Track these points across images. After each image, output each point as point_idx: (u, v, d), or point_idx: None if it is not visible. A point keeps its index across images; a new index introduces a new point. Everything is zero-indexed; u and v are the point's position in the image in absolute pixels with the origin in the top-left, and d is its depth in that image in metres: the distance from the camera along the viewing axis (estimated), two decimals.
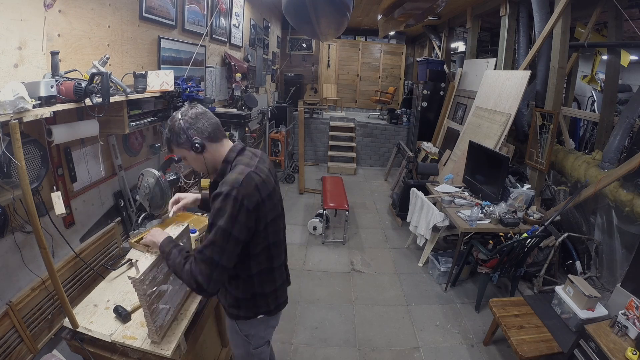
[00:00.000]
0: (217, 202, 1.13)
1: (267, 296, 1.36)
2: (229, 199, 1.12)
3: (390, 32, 5.82)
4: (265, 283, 1.34)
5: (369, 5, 5.77)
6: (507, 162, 3.14)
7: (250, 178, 1.17)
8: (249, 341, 1.44)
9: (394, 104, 8.23)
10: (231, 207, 1.11)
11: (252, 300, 1.34)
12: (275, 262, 1.34)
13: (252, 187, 1.16)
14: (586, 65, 4.82)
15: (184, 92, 2.40)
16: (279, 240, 1.35)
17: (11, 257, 1.54)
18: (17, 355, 1.54)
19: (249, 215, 1.15)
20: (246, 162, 1.24)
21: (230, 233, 1.12)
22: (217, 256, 1.12)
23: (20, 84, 1.20)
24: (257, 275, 1.30)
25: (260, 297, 1.34)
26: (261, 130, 5.63)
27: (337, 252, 3.76)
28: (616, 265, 2.83)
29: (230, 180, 1.14)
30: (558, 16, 3.24)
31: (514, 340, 2.07)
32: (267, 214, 1.23)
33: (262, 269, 1.30)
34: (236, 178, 1.15)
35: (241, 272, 1.29)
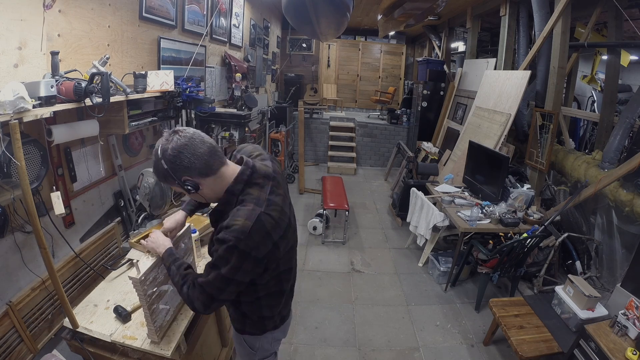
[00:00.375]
0: (221, 249, 0.99)
1: (274, 317, 1.29)
2: (234, 252, 0.98)
3: (390, 32, 5.82)
4: (274, 305, 1.26)
5: (369, 5, 5.77)
6: (507, 162, 3.14)
7: (260, 224, 1.00)
8: (255, 352, 1.37)
9: (394, 104, 8.23)
10: (236, 259, 0.99)
11: (258, 322, 1.28)
12: (284, 285, 1.24)
13: (262, 235, 1.00)
14: (586, 65, 4.82)
15: (184, 92, 2.40)
16: (290, 267, 1.24)
17: (11, 257, 1.54)
18: (17, 355, 1.54)
19: (256, 264, 1.03)
20: (256, 196, 1.05)
21: (232, 279, 1.02)
22: (216, 293, 1.05)
23: (20, 84, 1.20)
24: (264, 297, 1.20)
25: (267, 319, 1.28)
26: (261, 130, 5.63)
27: (337, 252, 3.76)
28: (616, 265, 2.83)
29: (235, 228, 0.97)
30: (558, 16, 3.24)
31: (514, 340, 2.07)
32: (280, 255, 1.11)
33: (271, 292, 1.21)
34: (243, 226, 0.97)
35: (246, 297, 1.20)
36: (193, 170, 1.01)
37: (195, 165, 1.00)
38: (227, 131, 3.21)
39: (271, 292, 1.20)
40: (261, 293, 1.18)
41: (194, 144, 1.01)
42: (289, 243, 1.17)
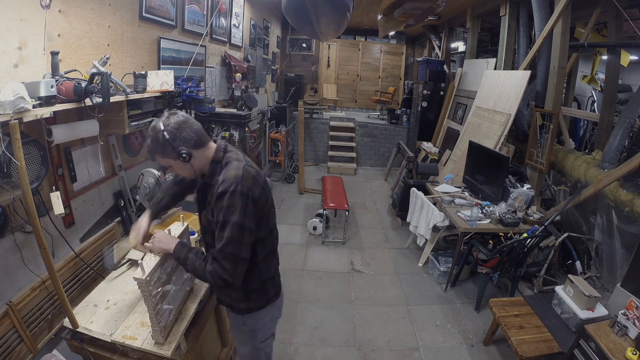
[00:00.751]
0: (225, 199, 1.16)
1: (273, 279, 1.43)
2: (236, 194, 1.16)
3: (390, 32, 5.82)
4: (271, 266, 1.41)
5: (369, 5, 5.77)
6: (507, 162, 3.14)
7: (247, 171, 1.22)
8: (256, 335, 1.46)
9: (394, 104, 8.23)
10: (240, 201, 1.16)
11: (261, 288, 1.39)
12: (275, 242, 1.43)
13: (251, 178, 1.21)
14: (586, 65, 4.82)
15: (184, 92, 2.40)
16: (275, 224, 1.42)
17: (11, 257, 1.54)
18: (17, 355, 1.54)
19: (255, 205, 1.21)
20: (235, 158, 1.27)
21: (244, 225, 1.17)
22: (237, 250, 1.17)
23: (20, 84, 1.20)
24: (262, 260, 1.34)
25: (268, 281, 1.40)
26: (261, 130, 5.63)
27: (337, 252, 3.76)
28: (616, 265, 2.83)
29: (230, 177, 1.18)
30: (558, 16, 3.24)
31: (514, 340, 2.07)
32: (267, 201, 1.29)
33: (267, 253, 1.36)
34: (236, 174, 1.19)
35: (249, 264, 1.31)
36: (189, 141, 1.20)
37: (192, 137, 1.20)
38: (227, 131, 3.21)
39: (267, 253, 1.36)
40: (260, 256, 1.33)
41: (190, 121, 1.23)
42: (270, 198, 1.34)
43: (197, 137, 1.22)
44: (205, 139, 1.26)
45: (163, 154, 1.21)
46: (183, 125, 1.19)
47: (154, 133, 1.19)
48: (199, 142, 1.23)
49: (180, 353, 1.42)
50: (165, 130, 1.17)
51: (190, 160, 1.22)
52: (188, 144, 1.20)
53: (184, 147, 1.19)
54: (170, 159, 1.22)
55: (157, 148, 1.19)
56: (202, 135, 1.25)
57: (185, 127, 1.19)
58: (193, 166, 1.24)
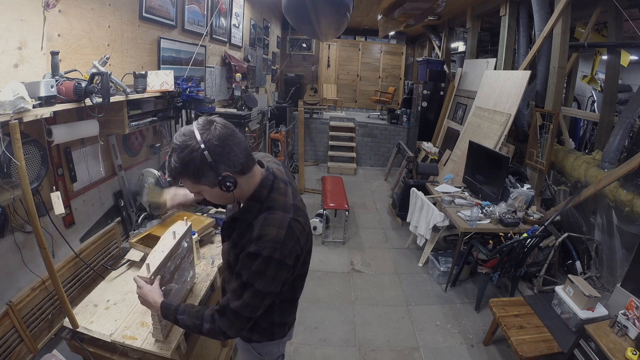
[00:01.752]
0: (256, 264, 0.93)
1: (285, 325, 1.25)
2: (271, 262, 0.93)
3: (390, 32, 5.83)
4: (286, 313, 1.22)
5: (369, 5, 5.77)
6: (507, 162, 3.14)
7: (292, 231, 0.96)
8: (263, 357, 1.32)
9: (394, 104, 8.23)
10: (273, 270, 0.94)
11: (269, 329, 1.22)
12: (298, 293, 1.20)
13: (294, 241, 0.97)
14: (586, 65, 4.82)
15: (184, 92, 2.40)
16: (305, 272, 1.18)
17: (11, 257, 1.54)
18: (17, 355, 1.54)
19: (288, 271, 0.99)
20: (282, 202, 0.99)
21: (267, 292, 0.98)
22: (252, 312, 1.00)
23: (20, 84, 1.20)
24: (278, 305, 1.15)
25: (278, 326, 1.22)
26: (261, 130, 5.63)
27: (337, 252, 3.76)
28: (616, 265, 2.83)
29: (269, 238, 0.93)
30: (558, 16, 3.24)
31: (514, 340, 2.07)
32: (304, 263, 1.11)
33: (284, 299, 1.16)
34: (277, 235, 0.93)
35: None
36: (237, 164, 0.90)
37: (240, 160, 0.90)
38: None
39: (285, 299, 1.16)
40: (276, 300, 1.10)
41: (237, 136, 0.90)
42: (310, 248, 1.15)
43: (245, 159, 0.92)
44: (252, 162, 0.97)
45: (196, 179, 0.90)
46: (230, 141, 0.88)
47: (188, 150, 0.86)
48: (247, 166, 0.94)
49: (180, 353, 1.42)
50: (207, 149, 0.86)
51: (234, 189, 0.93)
52: (235, 169, 0.90)
53: (230, 173, 0.89)
54: (205, 186, 0.92)
55: (189, 171, 0.88)
56: (250, 155, 0.95)
57: (233, 146, 0.88)
58: (235, 196, 0.97)
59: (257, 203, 0.99)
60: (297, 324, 2.66)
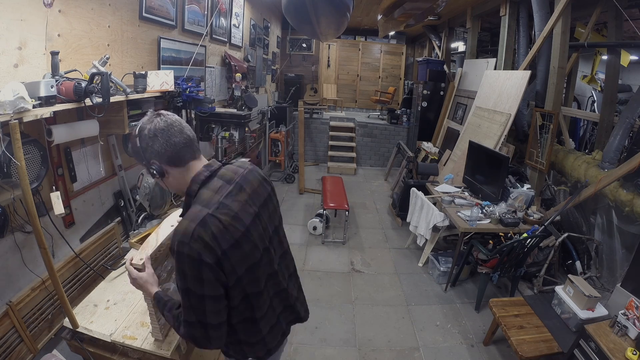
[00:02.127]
0: (175, 260, 0.94)
1: (253, 345, 1.16)
2: (183, 259, 0.91)
3: (390, 32, 5.83)
4: (249, 332, 1.13)
5: (369, 5, 5.77)
6: (507, 162, 3.14)
7: (203, 226, 0.92)
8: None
9: (394, 104, 8.23)
10: (189, 267, 0.92)
11: (238, 345, 1.16)
12: (257, 313, 1.10)
13: (207, 237, 0.92)
14: (586, 65, 4.82)
15: (184, 92, 2.40)
16: (259, 290, 1.08)
17: (11, 257, 1.54)
18: (17, 355, 1.54)
19: (213, 270, 0.93)
20: (206, 198, 0.99)
21: (202, 295, 0.94)
22: (201, 317, 0.96)
23: (20, 84, 1.20)
24: (238, 324, 1.10)
25: (245, 344, 1.15)
26: (261, 130, 5.63)
27: (337, 252, 3.76)
28: (616, 265, 2.83)
29: (180, 232, 0.92)
30: (558, 16, 3.24)
31: (514, 340, 2.07)
32: (235, 268, 0.98)
33: (244, 318, 1.09)
34: (186, 228, 0.92)
35: None
36: (162, 156, 0.99)
37: (166, 152, 0.99)
38: (227, 131, 3.21)
39: (244, 318, 1.09)
40: (234, 320, 1.07)
41: (171, 131, 0.99)
42: (248, 259, 1.02)
43: (174, 152, 0.99)
44: (186, 157, 1.01)
45: (139, 162, 1.05)
46: (160, 134, 0.98)
47: (131, 136, 1.03)
48: (176, 159, 1.00)
49: (180, 353, 1.42)
50: (139, 137, 0.99)
51: (163, 178, 1.02)
52: (160, 159, 0.99)
53: (156, 161, 0.99)
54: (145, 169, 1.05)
55: (133, 153, 1.04)
56: (183, 151, 1.00)
57: (162, 138, 0.98)
58: (168, 185, 1.05)
59: (189, 197, 1.03)
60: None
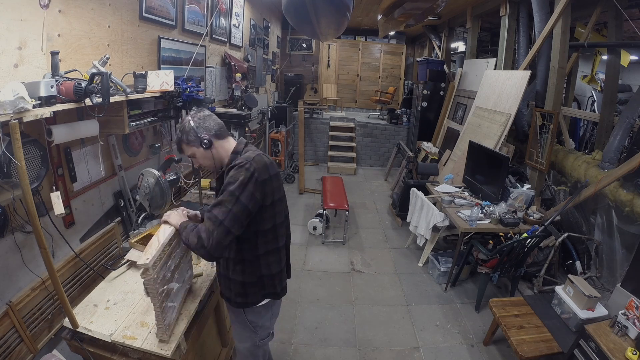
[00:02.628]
0: (231, 172, 1.25)
1: (273, 277, 1.42)
2: (242, 169, 1.23)
3: (390, 32, 5.83)
4: (272, 263, 1.41)
5: (369, 5, 5.77)
6: (507, 162, 3.14)
7: (261, 157, 1.31)
8: (257, 332, 1.49)
9: (394, 104, 8.23)
10: (243, 175, 1.22)
11: (259, 283, 1.40)
12: (280, 241, 1.43)
13: (262, 163, 1.29)
14: (586, 65, 4.82)
15: (184, 92, 2.40)
16: (282, 221, 1.44)
17: (11, 257, 1.54)
18: (17, 355, 1.54)
19: (257, 187, 1.25)
20: (254, 150, 1.38)
21: (238, 197, 1.21)
22: (221, 215, 1.19)
23: (20, 84, 1.20)
24: (263, 256, 1.37)
25: (267, 277, 1.41)
26: (261, 130, 5.63)
27: (337, 252, 3.76)
28: (616, 265, 2.83)
29: (243, 157, 1.29)
30: (558, 16, 3.24)
31: (514, 340, 2.07)
32: (274, 192, 1.34)
33: (269, 250, 1.38)
34: (249, 155, 1.29)
35: (247, 254, 1.36)
36: (211, 130, 1.35)
37: (214, 127, 1.36)
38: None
39: (269, 249, 1.38)
40: (261, 250, 1.36)
41: (213, 116, 1.40)
42: (280, 191, 1.40)
43: (219, 128, 1.37)
44: (225, 133, 1.40)
45: (188, 142, 1.34)
46: (207, 117, 1.36)
47: (182, 124, 1.36)
48: (220, 133, 1.37)
49: (180, 353, 1.43)
50: (192, 119, 1.34)
51: (211, 148, 1.34)
52: (210, 133, 1.34)
53: (206, 134, 1.33)
54: (194, 147, 1.34)
55: (184, 136, 1.34)
56: (224, 128, 1.40)
57: (209, 120, 1.36)
58: (213, 155, 1.36)
59: (236, 154, 1.37)
60: (297, 324, 2.67)
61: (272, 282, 1.43)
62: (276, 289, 1.45)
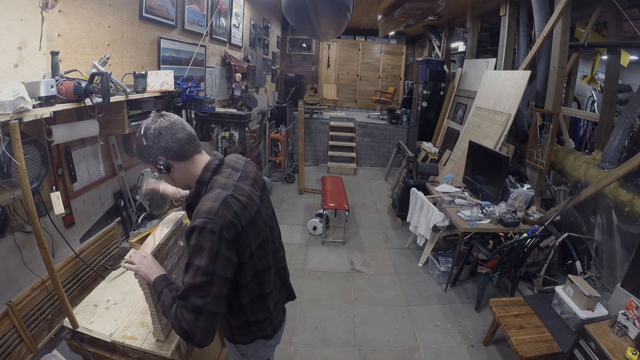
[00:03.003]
0: (192, 238, 0.98)
1: (261, 323, 1.24)
2: (205, 233, 0.97)
3: (390, 32, 5.83)
4: (258, 311, 1.22)
5: (369, 5, 5.77)
6: (507, 162, 3.14)
7: (226, 205, 1.02)
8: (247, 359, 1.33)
9: (394, 104, 8.23)
10: (209, 242, 0.97)
11: (246, 328, 1.23)
12: (265, 288, 1.20)
13: (230, 215, 1.01)
14: (586, 65, 4.82)
15: (184, 92, 2.40)
16: (267, 266, 1.19)
17: (11, 257, 1.54)
18: (17, 355, 1.54)
19: (231, 247, 1.01)
20: (223, 182, 1.08)
21: (212, 272, 0.97)
22: (200, 301, 0.97)
23: (20, 84, 1.20)
24: (248, 304, 1.18)
25: (254, 324, 1.23)
26: (261, 130, 5.63)
27: (337, 252, 3.76)
28: (616, 265, 2.83)
29: (203, 211, 0.99)
30: (558, 16, 3.24)
31: (514, 340, 2.07)
32: (250, 243, 1.08)
33: (253, 298, 1.18)
34: (210, 207, 0.99)
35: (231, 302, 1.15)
36: (168, 151, 1.08)
37: (171, 148, 1.08)
38: (227, 131, 3.21)
39: (254, 297, 1.17)
40: (244, 300, 1.15)
41: (174, 128, 1.09)
42: (260, 235, 1.13)
43: (179, 147, 1.08)
44: (189, 152, 1.11)
45: (144, 161, 1.12)
46: (164, 132, 1.07)
47: (137, 136, 1.11)
48: (181, 154, 1.09)
49: (180, 353, 1.42)
50: (144, 136, 1.08)
51: (169, 173, 1.11)
52: (166, 155, 1.08)
53: (162, 157, 1.08)
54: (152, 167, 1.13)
55: (139, 153, 1.12)
56: (187, 146, 1.10)
57: (166, 135, 1.07)
58: (174, 180, 1.13)
59: (202, 185, 1.11)
60: (297, 324, 2.67)
61: (261, 327, 1.25)
62: (266, 331, 1.26)
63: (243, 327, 1.22)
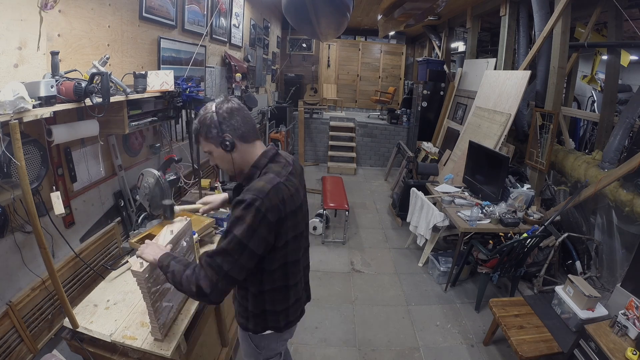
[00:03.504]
0: (238, 210, 1.04)
1: (277, 314, 1.27)
2: (251, 209, 1.02)
3: (390, 32, 5.83)
4: (277, 301, 1.25)
5: (369, 5, 5.77)
6: (507, 162, 3.14)
7: (278, 190, 1.08)
8: (260, 352, 1.37)
9: (394, 104, 8.23)
10: (252, 217, 1.02)
11: (261, 316, 1.26)
12: (290, 280, 1.24)
13: (277, 200, 1.06)
14: (586, 65, 4.82)
15: (184, 92, 2.40)
16: (297, 259, 1.24)
17: (11, 257, 1.54)
18: (17, 355, 1.54)
19: (270, 229, 1.06)
20: (277, 170, 1.14)
21: (246, 245, 1.03)
22: (226, 265, 1.03)
23: (20, 84, 1.20)
24: (268, 292, 1.21)
25: (270, 313, 1.26)
26: (261, 130, 5.63)
27: (337, 252, 3.76)
28: (616, 265, 2.83)
29: (255, 188, 1.05)
30: (558, 16, 3.24)
31: (514, 340, 2.07)
32: (288, 231, 1.13)
33: (276, 287, 1.22)
34: (263, 187, 1.05)
35: (251, 287, 1.21)
36: (237, 131, 1.14)
37: (240, 128, 1.14)
38: None
39: (276, 286, 1.21)
40: (266, 286, 1.20)
41: (245, 112, 1.17)
42: (298, 228, 1.19)
43: (247, 129, 1.15)
44: (253, 135, 1.18)
45: (207, 137, 1.14)
46: (236, 112, 1.14)
47: (204, 113, 1.14)
48: (247, 135, 1.15)
49: (180, 353, 1.43)
50: (216, 112, 1.12)
51: (233, 151, 1.14)
52: (234, 133, 1.13)
53: (229, 135, 1.12)
54: (212, 144, 1.15)
55: (203, 129, 1.14)
56: (252, 130, 1.18)
57: (237, 116, 1.13)
58: (234, 160, 1.16)
59: (256, 169, 1.17)
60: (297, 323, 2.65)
61: (276, 318, 1.28)
62: (279, 323, 1.29)
63: (258, 315, 1.26)
